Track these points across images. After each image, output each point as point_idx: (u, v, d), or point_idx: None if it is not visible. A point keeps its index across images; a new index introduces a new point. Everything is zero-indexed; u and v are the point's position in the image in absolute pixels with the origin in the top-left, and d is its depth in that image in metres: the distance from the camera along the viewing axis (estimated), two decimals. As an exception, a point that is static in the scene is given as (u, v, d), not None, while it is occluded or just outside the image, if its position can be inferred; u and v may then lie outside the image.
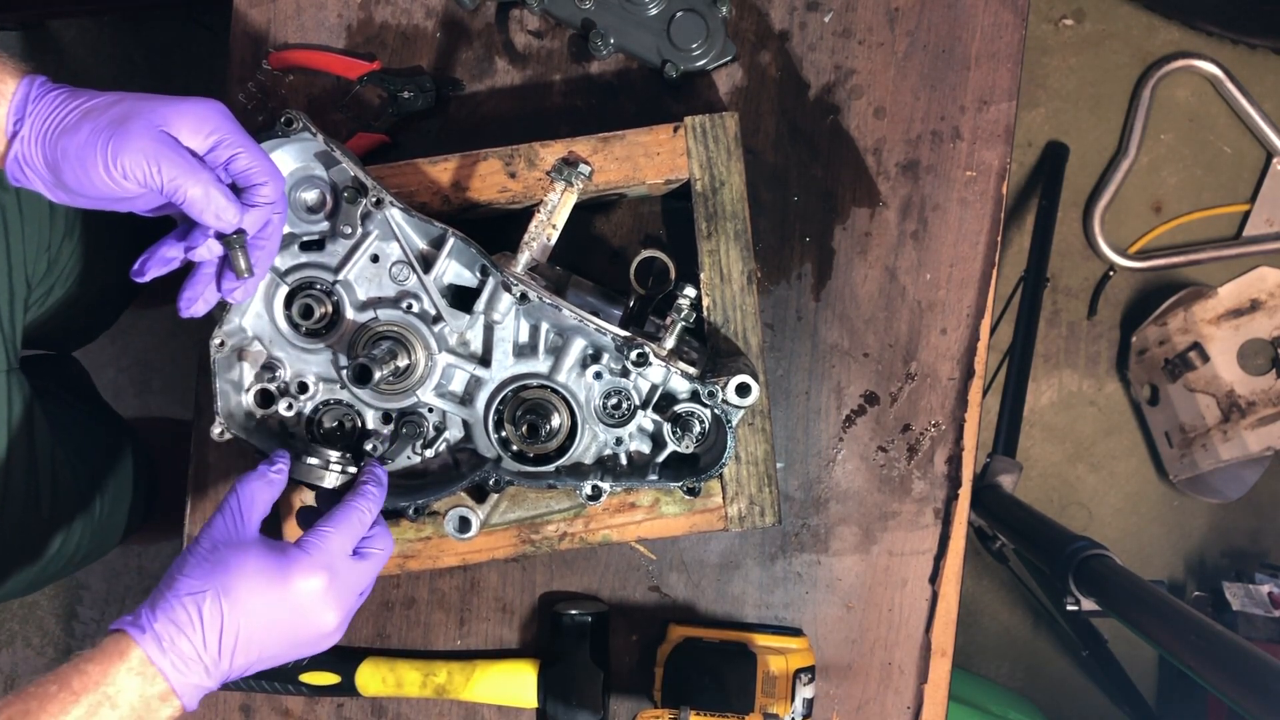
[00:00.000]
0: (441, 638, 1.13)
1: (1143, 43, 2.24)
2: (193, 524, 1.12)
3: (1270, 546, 2.28)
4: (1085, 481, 2.31)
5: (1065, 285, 2.29)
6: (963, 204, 1.08)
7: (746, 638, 1.04)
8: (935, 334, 1.09)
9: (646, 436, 0.97)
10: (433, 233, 0.93)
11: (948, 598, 1.09)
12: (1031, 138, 2.27)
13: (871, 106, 1.09)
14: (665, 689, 1.03)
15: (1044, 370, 2.29)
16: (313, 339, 0.96)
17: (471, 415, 0.96)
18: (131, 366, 2.25)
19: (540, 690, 1.07)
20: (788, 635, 1.06)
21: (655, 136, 1.00)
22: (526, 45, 1.11)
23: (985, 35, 1.08)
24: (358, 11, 1.12)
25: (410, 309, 0.94)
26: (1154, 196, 2.27)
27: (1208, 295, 2.15)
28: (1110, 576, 1.45)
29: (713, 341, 1.00)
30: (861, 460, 1.10)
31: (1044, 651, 2.30)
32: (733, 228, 0.99)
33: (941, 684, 1.09)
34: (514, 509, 1.00)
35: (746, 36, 1.10)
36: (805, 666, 1.04)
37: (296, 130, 0.91)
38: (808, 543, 1.10)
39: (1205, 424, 2.14)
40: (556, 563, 1.12)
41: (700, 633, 1.05)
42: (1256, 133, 2.23)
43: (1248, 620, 1.97)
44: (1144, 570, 2.11)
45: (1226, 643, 1.17)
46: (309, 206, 0.96)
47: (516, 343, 0.95)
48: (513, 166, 1.00)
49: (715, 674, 1.01)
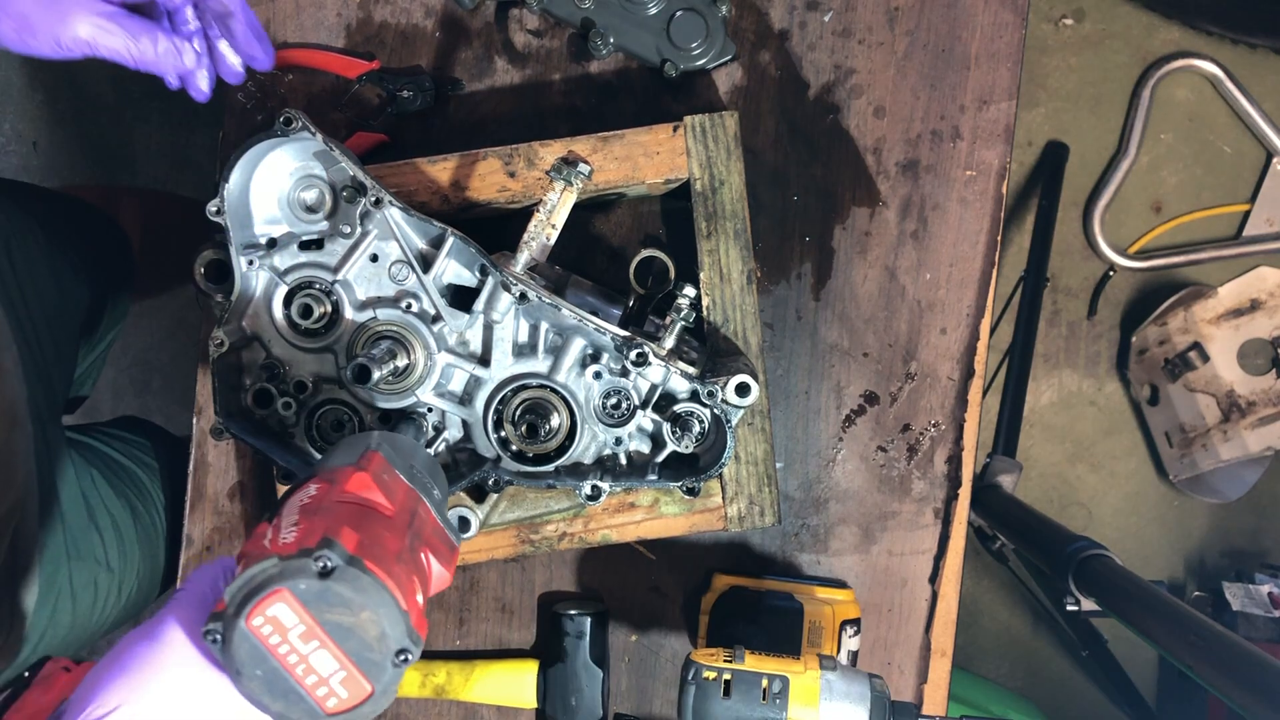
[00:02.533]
0: (441, 638, 1.13)
1: (1143, 43, 2.24)
2: (192, 524, 1.12)
3: (1270, 546, 2.28)
4: (1085, 481, 2.31)
5: (1065, 285, 2.29)
6: (963, 204, 1.08)
7: (792, 588, 1.04)
8: (935, 334, 1.09)
9: (646, 436, 0.97)
10: (432, 232, 0.93)
11: (947, 598, 1.09)
12: (1031, 138, 2.27)
13: (871, 106, 1.09)
14: (710, 637, 1.04)
15: (1044, 370, 2.29)
16: (312, 339, 0.95)
17: (471, 415, 0.96)
18: (131, 366, 2.25)
19: (540, 690, 1.07)
20: (833, 587, 1.06)
21: (655, 136, 1.00)
22: (526, 45, 1.11)
23: (985, 35, 1.08)
24: (357, 11, 1.11)
25: (409, 308, 0.94)
26: (1154, 196, 2.27)
27: (1208, 295, 2.15)
28: (1110, 576, 1.45)
29: (712, 341, 0.99)
30: (861, 460, 1.09)
31: (1044, 651, 2.31)
32: (732, 227, 0.99)
33: (941, 684, 1.09)
34: (513, 509, 1.00)
35: (746, 36, 1.09)
36: (851, 619, 1.04)
37: (295, 129, 0.91)
38: (807, 543, 1.10)
39: (1205, 424, 2.14)
40: (556, 563, 1.12)
41: (746, 582, 1.05)
42: (1256, 133, 2.23)
43: (1248, 620, 1.98)
44: (1144, 570, 2.11)
45: (1226, 643, 1.17)
46: (308, 206, 0.96)
47: (516, 342, 0.95)
48: (512, 166, 1.00)
49: (761, 623, 1.01)
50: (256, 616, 0.61)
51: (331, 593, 0.61)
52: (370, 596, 0.62)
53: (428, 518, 0.75)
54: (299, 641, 0.61)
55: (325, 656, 0.62)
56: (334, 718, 0.63)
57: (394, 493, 0.72)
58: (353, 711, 0.63)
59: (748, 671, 0.80)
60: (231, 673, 0.62)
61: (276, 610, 0.61)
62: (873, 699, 0.79)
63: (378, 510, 0.70)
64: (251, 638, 0.61)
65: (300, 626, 0.61)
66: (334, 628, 0.61)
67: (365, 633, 0.62)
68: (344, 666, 0.62)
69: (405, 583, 0.65)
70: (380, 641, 0.62)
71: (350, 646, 0.62)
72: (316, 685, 0.62)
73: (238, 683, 0.62)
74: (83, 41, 0.76)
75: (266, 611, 0.61)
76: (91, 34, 0.76)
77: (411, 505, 0.73)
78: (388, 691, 0.63)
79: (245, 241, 0.94)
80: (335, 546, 0.62)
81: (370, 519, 0.68)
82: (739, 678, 0.80)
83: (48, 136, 2.24)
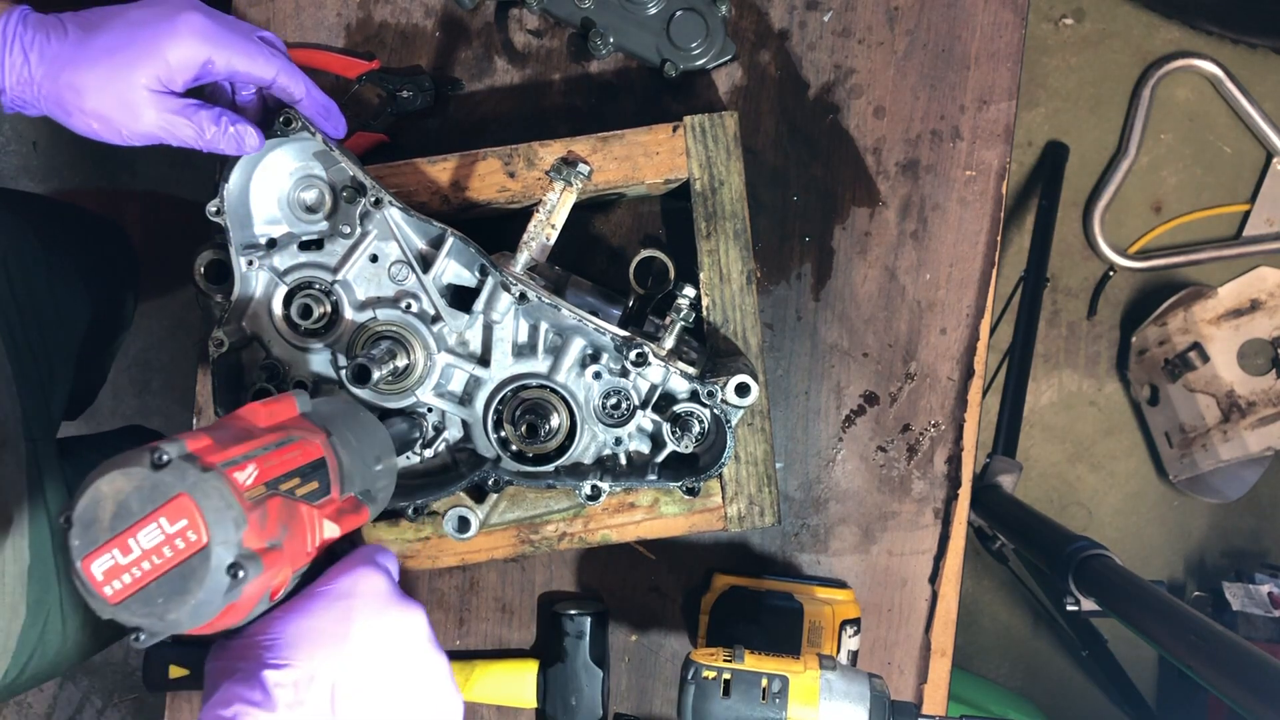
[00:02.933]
0: (440, 638, 1.12)
1: (1143, 43, 2.24)
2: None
3: (1270, 546, 2.28)
4: (1085, 481, 2.31)
5: (1065, 285, 2.29)
6: (962, 204, 1.08)
7: (792, 588, 1.04)
8: (935, 334, 1.09)
9: (646, 436, 0.97)
10: (431, 232, 0.93)
11: (947, 598, 1.09)
12: (1031, 138, 2.27)
13: (871, 106, 1.09)
14: (710, 637, 1.04)
15: (1044, 370, 2.29)
16: (311, 339, 0.95)
17: (470, 415, 0.96)
18: (131, 366, 2.25)
19: (540, 690, 1.07)
20: (833, 587, 1.06)
21: (654, 136, 1.00)
22: (526, 44, 1.11)
23: (985, 35, 1.08)
24: (357, 10, 1.11)
25: (409, 309, 0.94)
26: (1154, 196, 2.27)
27: (1208, 295, 2.15)
28: (1110, 576, 1.45)
29: (712, 341, 0.99)
30: (861, 460, 1.09)
31: (1044, 651, 2.31)
32: (732, 227, 0.99)
33: (941, 684, 1.09)
34: (513, 509, 1.00)
35: (746, 36, 1.09)
36: (851, 618, 1.04)
37: (295, 130, 0.91)
38: (807, 543, 1.10)
39: (1205, 424, 2.14)
40: (556, 563, 1.12)
41: (746, 582, 1.05)
42: (1256, 133, 2.23)
43: (1248, 620, 1.98)
44: (1144, 570, 2.11)
45: (1226, 643, 1.17)
46: (308, 206, 0.96)
47: (515, 342, 0.95)
48: (512, 166, 1.00)
49: (761, 623, 1.01)
50: (104, 589, 0.60)
51: (81, 517, 0.60)
52: (94, 479, 0.60)
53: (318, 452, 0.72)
54: (125, 556, 0.59)
55: (142, 535, 0.59)
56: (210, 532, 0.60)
57: (276, 416, 0.71)
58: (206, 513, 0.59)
59: (747, 671, 0.80)
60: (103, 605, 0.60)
61: (97, 569, 0.59)
62: (872, 699, 0.79)
63: (241, 421, 0.68)
64: (125, 602, 0.60)
65: (110, 552, 0.59)
66: (116, 521, 0.59)
67: (120, 493, 0.59)
68: (152, 520, 0.59)
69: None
70: (132, 480, 0.60)
71: (132, 515, 0.59)
72: (175, 554, 0.59)
73: (112, 611, 0.60)
74: (155, 135, 0.85)
75: (95, 577, 0.59)
76: (164, 127, 0.84)
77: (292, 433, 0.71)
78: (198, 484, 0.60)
79: (245, 242, 0.94)
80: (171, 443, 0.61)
81: (228, 429, 0.66)
82: (739, 677, 0.80)
83: (48, 136, 2.24)
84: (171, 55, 0.82)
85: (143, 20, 0.83)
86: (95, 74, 0.81)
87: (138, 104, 0.82)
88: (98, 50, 0.81)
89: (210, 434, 0.65)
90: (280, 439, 0.69)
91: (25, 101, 0.84)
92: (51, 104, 0.83)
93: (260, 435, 0.68)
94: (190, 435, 0.63)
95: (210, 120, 0.85)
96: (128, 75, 0.81)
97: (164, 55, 0.82)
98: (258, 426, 0.69)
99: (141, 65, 0.81)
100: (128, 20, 0.83)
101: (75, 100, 0.82)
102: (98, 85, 0.81)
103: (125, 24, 0.82)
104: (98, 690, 2.27)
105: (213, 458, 0.62)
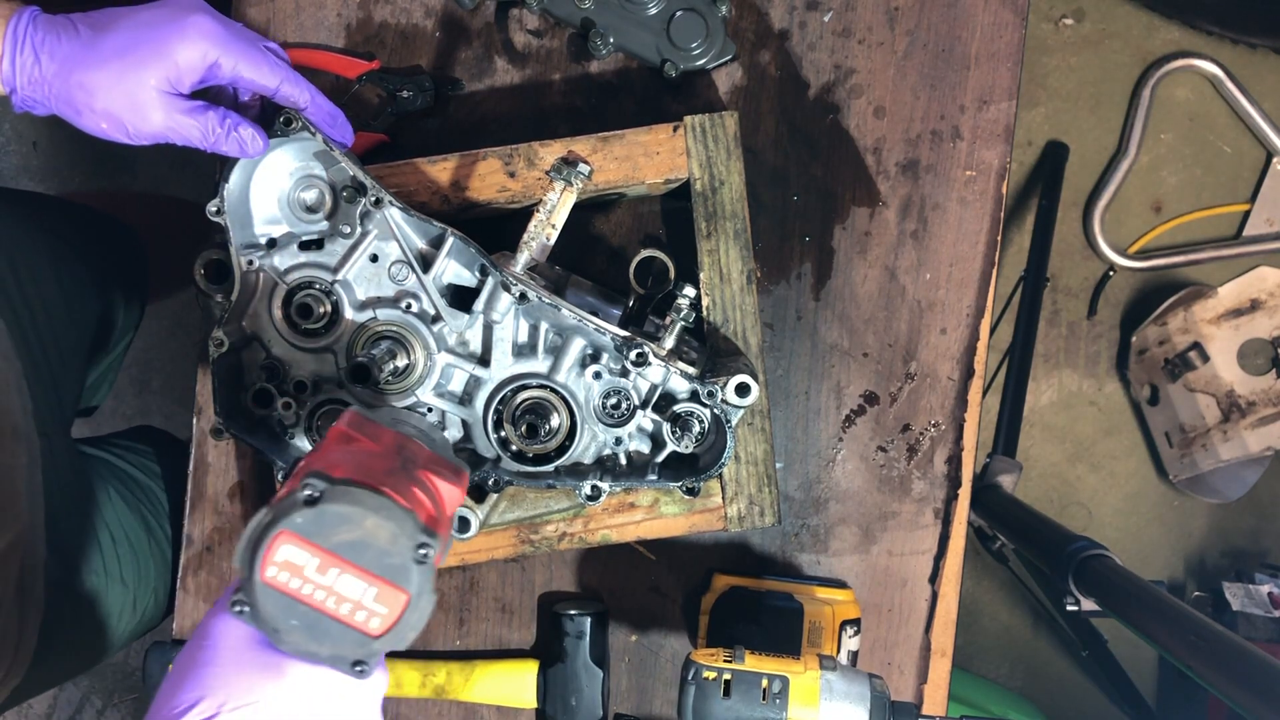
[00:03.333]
0: (440, 638, 1.13)
1: (1143, 43, 2.24)
2: (192, 524, 1.12)
3: (1270, 546, 2.28)
4: (1085, 481, 2.31)
5: (1065, 285, 2.29)
6: (962, 203, 1.08)
7: (792, 588, 1.04)
8: (935, 334, 1.09)
9: (646, 436, 0.97)
10: (432, 232, 0.93)
11: (947, 598, 1.09)
12: (1031, 137, 2.27)
13: (871, 106, 1.09)
14: (710, 637, 1.04)
15: (1044, 370, 2.29)
16: (311, 339, 0.95)
17: (471, 415, 0.96)
18: (131, 366, 2.25)
19: (540, 690, 1.07)
20: (833, 587, 1.06)
21: (655, 136, 0.99)
22: (526, 44, 1.11)
23: (985, 35, 1.08)
24: (357, 10, 1.11)
25: (409, 309, 0.94)
26: (1154, 196, 2.27)
27: (1208, 295, 2.15)
28: (1110, 576, 1.45)
29: (712, 341, 0.99)
30: (861, 460, 1.09)
31: (1044, 651, 2.30)
32: (732, 227, 0.99)
33: (941, 684, 1.09)
34: (513, 509, 1.00)
35: (746, 36, 1.09)
36: (851, 619, 1.04)
37: (295, 129, 0.91)
38: (807, 543, 1.10)
39: (1205, 424, 2.14)
40: (556, 563, 1.12)
41: (746, 582, 1.05)
42: (1256, 133, 2.23)
43: (1248, 620, 1.97)
44: (1144, 570, 2.10)
45: (1226, 643, 1.17)
46: (308, 206, 0.96)
47: (516, 342, 0.95)
48: (512, 166, 1.00)
49: (761, 623, 1.01)
50: (269, 567, 0.60)
51: (327, 515, 0.60)
52: (367, 504, 0.60)
53: (420, 451, 0.74)
54: (318, 576, 0.60)
55: (349, 580, 0.60)
56: (384, 637, 0.61)
57: (377, 436, 0.72)
58: (399, 623, 0.61)
59: (748, 671, 0.80)
60: (270, 634, 0.61)
61: (283, 553, 0.60)
62: (873, 699, 0.79)
63: (361, 445, 0.69)
64: (272, 590, 0.60)
65: (313, 560, 0.59)
66: (345, 548, 0.60)
67: (376, 540, 0.60)
68: (371, 582, 0.60)
69: (403, 489, 0.64)
70: (395, 543, 0.61)
71: (368, 560, 0.60)
72: (353, 611, 0.60)
73: (279, 641, 0.61)
74: (162, 135, 0.86)
75: (274, 558, 0.60)
76: (170, 128, 0.85)
77: (398, 441, 0.73)
78: (424, 592, 0.61)
79: (245, 241, 0.94)
80: (318, 475, 0.61)
81: (354, 452, 0.67)
82: (739, 678, 0.80)
83: (48, 136, 2.24)
84: (180, 56, 0.83)
85: (152, 21, 0.83)
86: (105, 74, 0.82)
87: (146, 104, 0.83)
88: (108, 50, 0.82)
89: (425, 499, 0.66)
90: (393, 445, 0.72)
91: (35, 101, 0.84)
92: (62, 103, 0.84)
93: (421, 465, 0.72)
94: (420, 507, 0.65)
95: (216, 122, 0.86)
96: (138, 75, 0.82)
97: (173, 56, 0.82)
98: (367, 442, 0.71)
99: (151, 66, 0.82)
100: (137, 21, 0.83)
101: (85, 100, 0.83)
102: (108, 85, 0.82)
103: (135, 25, 0.83)
104: (98, 690, 2.27)
105: (441, 530, 0.66)
